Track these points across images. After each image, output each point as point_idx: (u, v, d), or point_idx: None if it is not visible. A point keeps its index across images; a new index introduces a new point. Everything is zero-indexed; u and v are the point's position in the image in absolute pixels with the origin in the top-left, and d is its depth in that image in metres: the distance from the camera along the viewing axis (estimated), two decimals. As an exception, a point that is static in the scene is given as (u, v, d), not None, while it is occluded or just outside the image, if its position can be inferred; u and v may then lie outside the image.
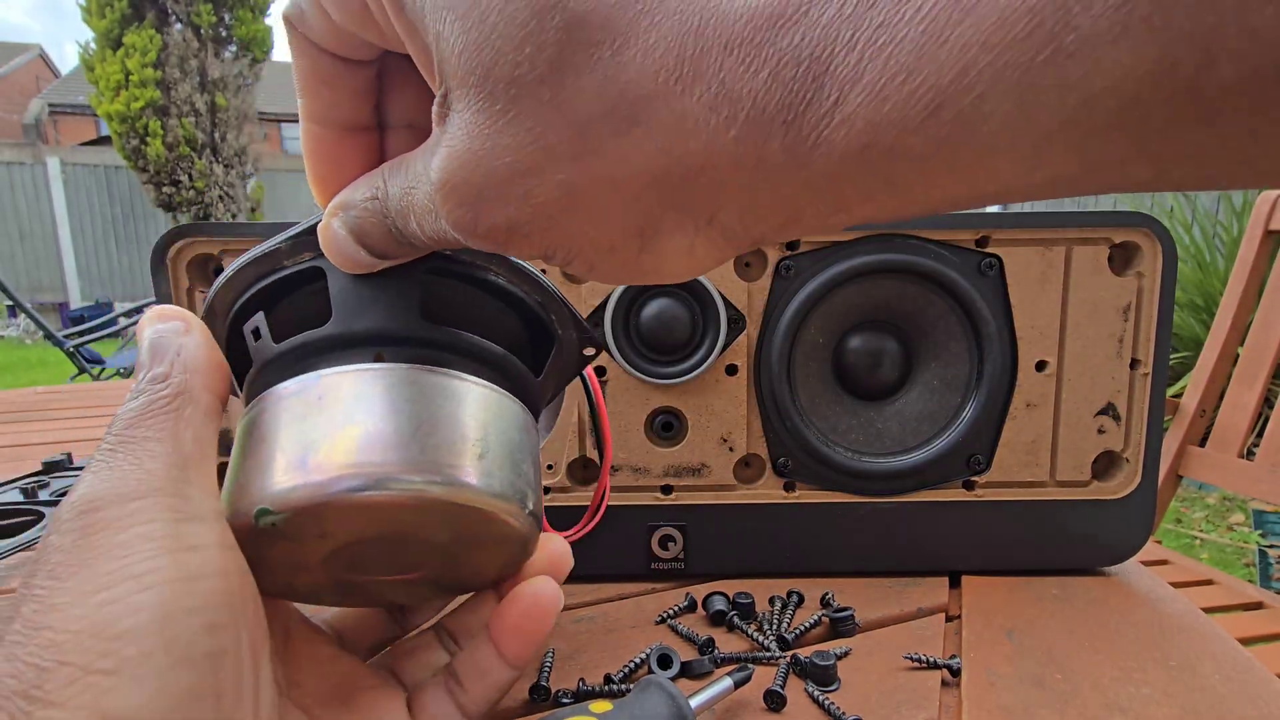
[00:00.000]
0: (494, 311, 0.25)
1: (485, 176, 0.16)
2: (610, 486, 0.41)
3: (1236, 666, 0.32)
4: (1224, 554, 1.90)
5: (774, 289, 0.39)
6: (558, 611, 0.25)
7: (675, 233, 0.16)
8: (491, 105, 0.15)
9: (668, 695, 0.25)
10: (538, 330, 0.26)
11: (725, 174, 0.15)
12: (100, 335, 3.52)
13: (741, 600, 0.37)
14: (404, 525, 0.21)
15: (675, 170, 0.15)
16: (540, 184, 0.15)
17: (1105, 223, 0.38)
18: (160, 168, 6.46)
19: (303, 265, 0.22)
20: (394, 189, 0.18)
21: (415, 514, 0.20)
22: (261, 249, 0.22)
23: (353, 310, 0.21)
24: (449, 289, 0.23)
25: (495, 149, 0.15)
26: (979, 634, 0.35)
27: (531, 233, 0.16)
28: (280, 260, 0.23)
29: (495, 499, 0.21)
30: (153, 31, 6.20)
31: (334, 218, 0.20)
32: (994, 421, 0.40)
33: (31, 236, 7.48)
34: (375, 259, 0.20)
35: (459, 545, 0.23)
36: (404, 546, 0.22)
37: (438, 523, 0.21)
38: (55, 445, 0.76)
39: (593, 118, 0.14)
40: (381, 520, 0.21)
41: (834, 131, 0.13)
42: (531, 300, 0.25)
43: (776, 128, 0.13)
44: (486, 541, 0.23)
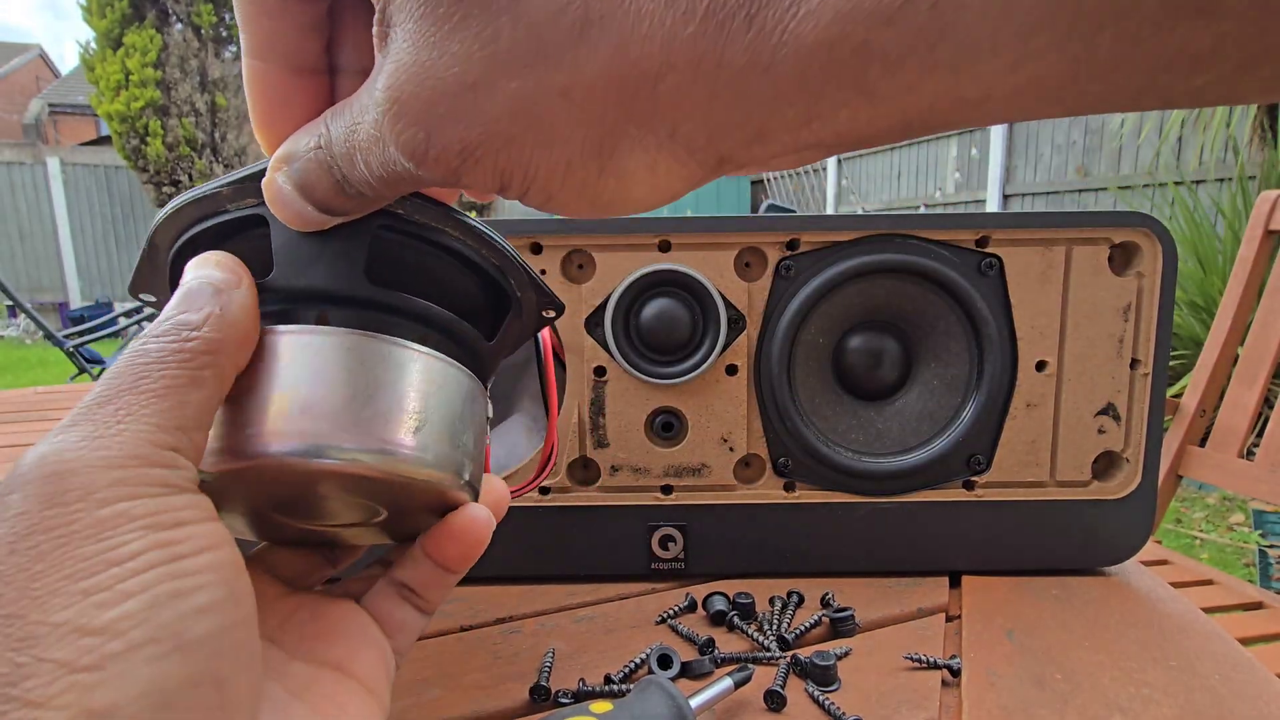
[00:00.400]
0: (446, 274, 0.24)
1: (434, 89, 0.15)
2: (611, 486, 0.41)
3: (1236, 666, 0.32)
4: (1224, 554, 1.90)
5: (774, 289, 0.39)
6: (490, 533, 0.25)
7: (636, 149, 0.15)
8: (435, 9, 0.14)
9: (668, 695, 0.25)
10: (494, 293, 0.25)
11: (685, 78, 0.14)
12: (100, 335, 3.52)
13: (741, 600, 0.37)
14: (339, 488, 0.21)
15: (632, 75, 0.14)
16: (492, 96, 0.15)
17: (1105, 223, 0.38)
18: (160, 168, 6.46)
19: (245, 211, 0.21)
20: (337, 130, 0.17)
21: (349, 481, 0.20)
22: (205, 188, 0.21)
23: (294, 266, 0.21)
24: (399, 249, 0.23)
25: (443, 58, 0.14)
26: (979, 634, 0.35)
27: (484, 156, 0.15)
28: (223, 204, 0.22)
29: (429, 470, 0.21)
30: (153, 31, 6.20)
31: (278, 171, 0.19)
32: (994, 421, 0.40)
33: (31, 236, 7.48)
34: (322, 215, 0.19)
35: (396, 508, 0.23)
36: (344, 503, 0.23)
37: (372, 489, 0.21)
38: (55, 445, 0.76)
39: (545, 19, 0.14)
40: (315, 483, 0.21)
41: (800, 24, 0.12)
42: (487, 263, 0.24)
43: (738, 23, 0.13)
44: (421, 508, 0.23)
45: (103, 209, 7.73)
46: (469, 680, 0.32)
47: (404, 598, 0.25)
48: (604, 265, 0.39)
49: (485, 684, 0.31)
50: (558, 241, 0.39)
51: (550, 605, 0.38)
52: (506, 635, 0.36)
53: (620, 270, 0.39)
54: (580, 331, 0.39)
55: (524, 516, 0.40)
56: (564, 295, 0.39)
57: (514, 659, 0.33)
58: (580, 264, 0.39)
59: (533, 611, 0.38)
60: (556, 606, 0.38)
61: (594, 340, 0.39)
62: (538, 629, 0.36)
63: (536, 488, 0.37)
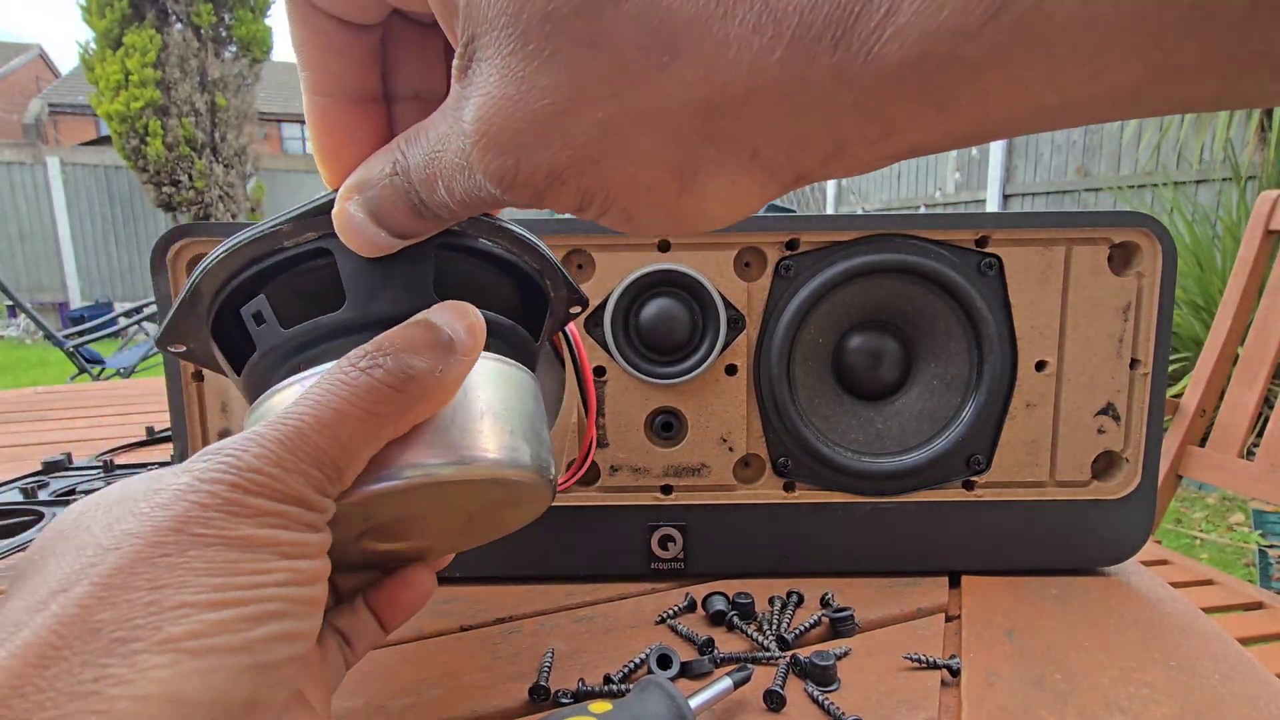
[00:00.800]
0: (495, 281, 0.25)
1: (523, 119, 0.15)
2: (610, 486, 0.41)
3: (1236, 666, 0.32)
4: (1224, 554, 1.90)
5: (774, 289, 0.39)
6: (430, 595, 0.27)
7: (717, 170, 0.16)
8: (524, 46, 0.15)
9: (667, 695, 0.25)
10: (530, 293, 0.26)
11: (769, 101, 0.14)
12: (100, 335, 3.52)
13: (741, 600, 0.37)
14: (442, 502, 0.22)
15: (717, 101, 0.14)
16: (579, 124, 0.15)
17: (1105, 222, 0.38)
18: (160, 168, 6.46)
19: (307, 246, 0.22)
20: (415, 157, 0.18)
21: (456, 490, 0.21)
22: (261, 228, 0.22)
23: (367, 292, 0.21)
24: (454, 263, 0.23)
25: (532, 91, 0.15)
26: (979, 634, 0.35)
27: (569, 178, 0.16)
28: (281, 240, 0.22)
29: (525, 472, 0.22)
30: (153, 31, 6.20)
31: (348, 200, 0.19)
32: (994, 421, 0.40)
33: (31, 236, 7.48)
34: (394, 239, 0.19)
35: (482, 514, 0.24)
36: (442, 517, 0.24)
37: (469, 496, 0.22)
38: (55, 445, 0.76)
39: (631, 50, 0.14)
40: (423, 500, 0.21)
41: (885, 45, 0.12)
42: (529, 267, 0.25)
43: (824, 46, 0.13)
44: (509, 509, 0.25)
45: (102, 209, 7.73)
46: (469, 680, 0.32)
47: (338, 645, 0.26)
48: (603, 265, 0.39)
49: (485, 684, 0.31)
50: (558, 241, 0.39)
51: (550, 605, 0.38)
52: (506, 635, 0.36)
53: (620, 270, 0.39)
54: (580, 331, 0.39)
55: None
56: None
57: (514, 659, 0.33)
58: (580, 264, 0.39)
59: (532, 611, 0.38)
60: (556, 606, 0.38)
61: (593, 340, 0.39)
62: (537, 629, 0.36)
63: (576, 480, 0.37)
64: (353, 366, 0.19)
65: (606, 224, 0.17)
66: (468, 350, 0.21)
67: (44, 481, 0.60)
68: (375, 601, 0.26)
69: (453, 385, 0.20)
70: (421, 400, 0.20)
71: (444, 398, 0.20)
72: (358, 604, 0.26)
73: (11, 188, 7.36)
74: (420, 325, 0.20)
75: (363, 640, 0.26)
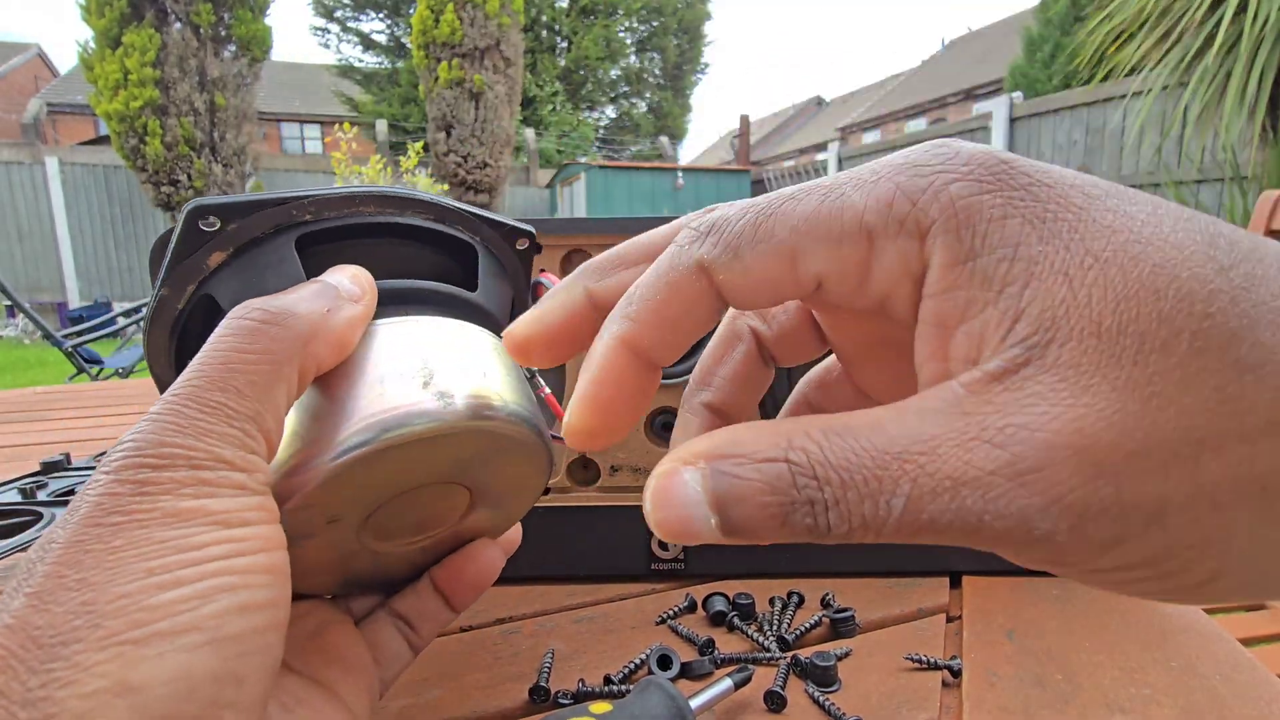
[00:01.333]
0: (416, 255, 0.25)
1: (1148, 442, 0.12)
2: (610, 486, 0.41)
3: (1237, 667, 0.32)
4: (1223, 554, 1.90)
5: (774, 289, 0.39)
6: (499, 570, 0.27)
7: None
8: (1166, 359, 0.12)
9: (668, 696, 0.25)
10: (458, 251, 0.26)
11: None
12: (99, 335, 3.52)
13: (741, 601, 0.37)
14: (405, 476, 0.22)
15: None
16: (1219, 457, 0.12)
17: (1106, 222, 0.38)
18: (159, 167, 6.45)
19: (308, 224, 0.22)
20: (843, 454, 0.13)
21: (409, 459, 0.21)
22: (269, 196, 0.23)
23: None
24: (363, 249, 0.24)
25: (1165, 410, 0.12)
26: (979, 634, 0.35)
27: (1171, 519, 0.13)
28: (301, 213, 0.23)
29: (464, 418, 0.21)
30: (152, 31, 6.20)
31: (686, 465, 0.15)
32: (994, 421, 0.40)
33: (30, 236, 7.47)
34: (720, 534, 0.14)
35: (483, 482, 0.24)
36: (434, 493, 0.23)
37: (432, 464, 0.22)
38: (54, 446, 0.76)
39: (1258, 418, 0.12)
40: (382, 478, 0.21)
41: None
42: (428, 224, 0.25)
43: None
44: (505, 468, 0.24)
45: (101, 209, 7.73)
46: (469, 680, 0.32)
47: (398, 629, 0.26)
48: (604, 265, 0.39)
49: (485, 684, 0.31)
50: (557, 241, 0.39)
51: (550, 605, 0.38)
52: (506, 635, 0.36)
53: (620, 270, 0.39)
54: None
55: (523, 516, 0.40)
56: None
57: (513, 659, 0.33)
58: (580, 263, 0.39)
59: (532, 612, 0.38)
60: (556, 607, 0.38)
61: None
62: (537, 629, 0.36)
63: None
64: (232, 317, 0.19)
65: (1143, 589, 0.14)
66: (354, 296, 0.21)
67: (43, 482, 0.60)
68: (440, 579, 0.26)
69: (346, 327, 0.20)
70: (314, 338, 0.20)
71: (338, 341, 0.20)
72: (421, 585, 0.26)
73: (10, 187, 7.35)
74: (302, 284, 0.21)
75: (429, 622, 0.26)
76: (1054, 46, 7.74)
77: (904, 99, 15.41)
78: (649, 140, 14.37)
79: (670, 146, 12.93)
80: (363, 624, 0.26)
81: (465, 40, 7.10)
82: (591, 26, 13.49)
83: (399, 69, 13.08)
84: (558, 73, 13.55)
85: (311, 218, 0.23)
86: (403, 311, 0.23)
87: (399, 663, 0.25)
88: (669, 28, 14.41)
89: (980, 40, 16.10)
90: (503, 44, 7.30)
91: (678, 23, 14.45)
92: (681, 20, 14.47)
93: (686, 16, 14.50)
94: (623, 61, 14.40)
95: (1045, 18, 8.15)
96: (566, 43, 13.84)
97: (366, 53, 13.81)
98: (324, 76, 14.60)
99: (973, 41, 16.54)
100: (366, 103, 13.07)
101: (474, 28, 7.09)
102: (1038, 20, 8.29)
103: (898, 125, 14.92)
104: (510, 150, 7.81)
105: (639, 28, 14.43)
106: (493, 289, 0.26)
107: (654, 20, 14.32)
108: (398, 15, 13.31)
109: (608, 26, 13.60)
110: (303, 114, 15.52)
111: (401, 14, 13.13)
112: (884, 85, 18.35)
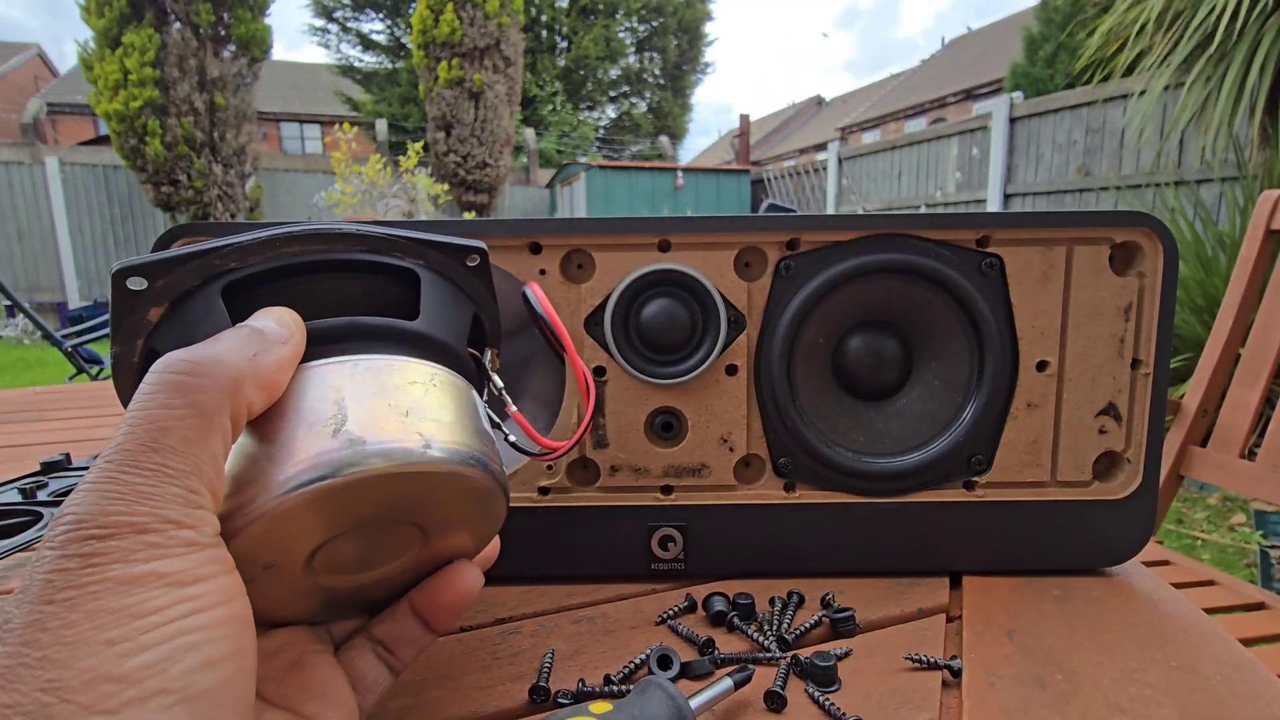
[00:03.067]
0: (348, 286, 0.25)
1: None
2: (610, 486, 0.41)
3: (1238, 667, 0.32)
4: (1225, 554, 1.90)
5: (774, 289, 0.39)
6: (478, 589, 0.27)
7: None
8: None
9: (668, 696, 0.25)
10: (403, 277, 0.26)
11: None
12: (99, 335, 3.52)
13: (741, 601, 0.36)
14: (346, 516, 0.21)
15: None
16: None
17: (1106, 222, 0.38)
18: (159, 167, 6.45)
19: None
20: None
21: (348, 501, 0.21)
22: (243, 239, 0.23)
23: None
24: (292, 287, 0.24)
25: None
26: (979, 634, 0.35)
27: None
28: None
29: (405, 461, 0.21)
30: (151, 31, 6.19)
31: None
32: (994, 422, 0.40)
33: (30, 236, 7.47)
34: None
35: (433, 520, 0.24)
36: (385, 533, 0.23)
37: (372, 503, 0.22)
38: (53, 446, 0.76)
39: None
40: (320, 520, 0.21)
41: None
42: (362, 257, 0.25)
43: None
44: (455, 507, 0.24)
45: (101, 209, 7.72)
46: (469, 680, 0.32)
47: (378, 655, 0.26)
48: (604, 265, 0.39)
49: (485, 684, 0.31)
50: (557, 241, 0.39)
51: (550, 605, 0.38)
52: (506, 635, 0.35)
53: (620, 270, 0.39)
54: (580, 331, 0.39)
55: (523, 517, 0.40)
56: (563, 295, 0.39)
57: (514, 659, 0.33)
58: (580, 264, 0.39)
59: (532, 612, 0.38)
60: (556, 607, 0.38)
61: (593, 340, 0.39)
62: (537, 629, 0.36)
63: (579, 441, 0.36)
64: (155, 372, 0.19)
65: None
66: (281, 339, 0.21)
67: (43, 482, 0.60)
68: (418, 604, 0.26)
69: (274, 369, 0.20)
70: (242, 383, 0.20)
71: (267, 384, 0.20)
72: (400, 610, 0.26)
73: (10, 187, 7.35)
74: (228, 330, 0.21)
75: (408, 646, 0.26)
76: (1055, 46, 7.74)
77: (904, 99, 15.40)
78: (649, 140, 14.37)
79: (670, 146, 12.92)
80: (342, 651, 0.26)
81: (465, 40, 7.10)
82: (591, 26, 13.49)
83: (399, 69, 13.07)
84: (557, 72, 13.55)
85: (236, 264, 0.23)
86: (339, 350, 0.22)
87: (378, 688, 0.25)
88: (669, 27, 14.41)
89: (980, 40, 16.10)
90: (502, 44, 7.30)
91: (678, 23, 14.45)
92: (681, 20, 14.46)
93: (686, 16, 14.49)
94: (623, 61, 14.40)
95: (1045, 17, 8.16)
96: (566, 42, 13.84)
97: (366, 53, 13.82)
98: (324, 76, 14.61)
99: (973, 41, 16.54)
100: (366, 102, 13.08)
101: (474, 27, 7.09)
102: (1038, 20, 8.29)
103: (897, 125, 14.92)
104: (510, 150, 7.80)
105: (639, 27, 14.43)
106: (440, 313, 0.25)
107: (654, 20, 14.31)
108: (397, 15, 13.31)
109: (608, 26, 13.60)
110: (302, 114, 15.52)
111: (401, 14, 13.13)
112: (884, 85, 18.35)
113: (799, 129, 21.00)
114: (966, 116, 6.89)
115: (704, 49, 15.11)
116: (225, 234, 0.23)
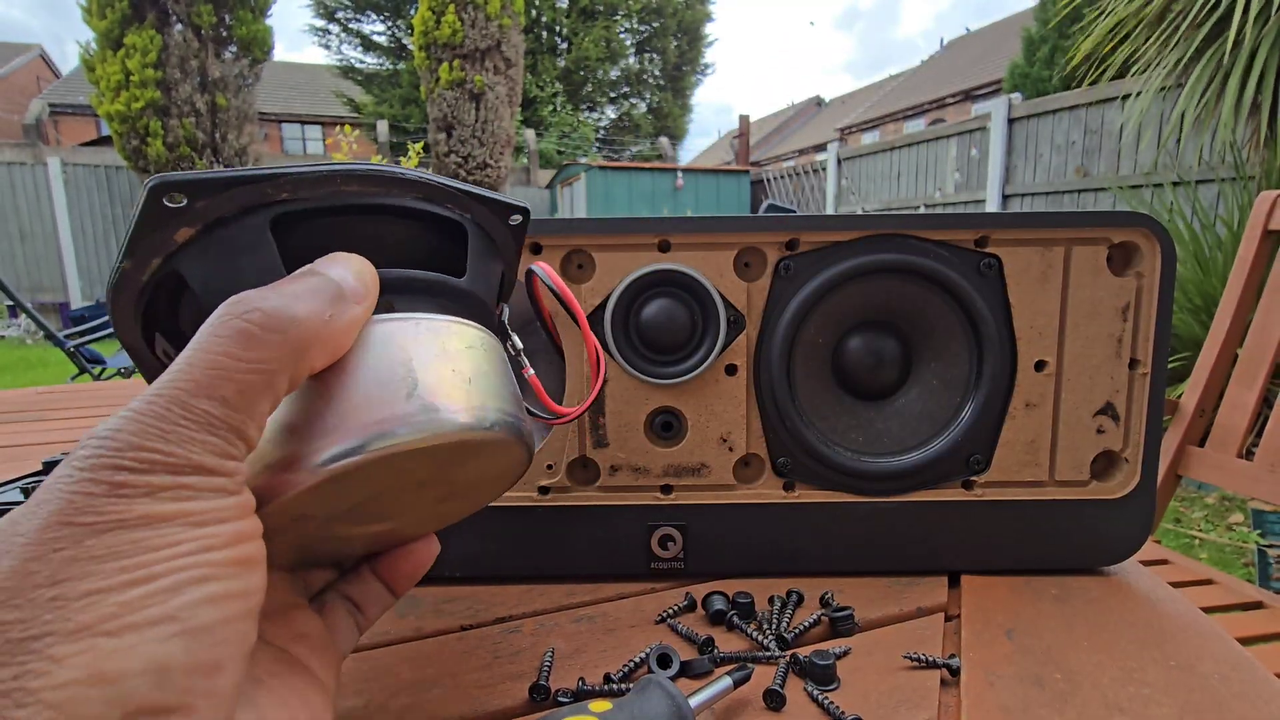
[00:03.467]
0: (408, 236, 0.24)
1: None
2: (610, 486, 0.41)
3: (1236, 666, 0.32)
4: (1223, 554, 1.90)
5: (774, 289, 0.39)
6: (433, 559, 0.28)
7: None
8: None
9: (667, 695, 0.25)
10: (448, 229, 0.25)
11: None
12: (101, 335, 3.52)
13: (741, 600, 0.37)
14: (392, 479, 0.21)
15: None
16: None
17: (1104, 223, 0.38)
18: (161, 168, 6.45)
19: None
20: None
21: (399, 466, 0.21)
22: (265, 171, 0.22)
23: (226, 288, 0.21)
24: (353, 227, 0.23)
25: None
26: (978, 634, 0.35)
27: None
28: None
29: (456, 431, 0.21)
30: (153, 32, 6.20)
31: None
32: (993, 421, 0.40)
33: (32, 237, 7.47)
34: None
35: (455, 480, 0.24)
36: (414, 492, 0.23)
37: (419, 466, 0.21)
38: (55, 445, 0.76)
39: None
40: (368, 482, 0.21)
41: None
42: (414, 204, 0.23)
43: None
44: (484, 469, 0.24)
45: (103, 209, 7.73)
46: (469, 680, 0.32)
47: (348, 611, 0.26)
48: (603, 265, 0.39)
49: (485, 684, 0.32)
50: (557, 241, 0.39)
51: (550, 605, 0.38)
52: (506, 635, 0.36)
53: (620, 270, 0.39)
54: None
55: (523, 516, 0.40)
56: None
57: (514, 658, 0.33)
58: (580, 264, 0.39)
59: (532, 611, 0.38)
60: (556, 606, 0.38)
61: (593, 340, 0.39)
62: (537, 629, 0.36)
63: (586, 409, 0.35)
64: (229, 314, 0.19)
65: None
66: (359, 296, 0.20)
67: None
68: (381, 571, 0.27)
69: (344, 332, 0.20)
70: (312, 346, 0.19)
71: (335, 347, 0.20)
72: (365, 571, 0.27)
73: (12, 188, 7.35)
74: (303, 274, 0.20)
75: (374, 605, 0.27)
76: (1053, 48, 7.75)
77: (903, 99, 15.40)
78: (649, 141, 14.37)
79: (670, 147, 12.92)
80: (315, 604, 0.26)
81: (466, 41, 7.10)
82: (592, 27, 13.49)
83: (400, 70, 13.08)
84: (558, 73, 13.55)
85: (289, 196, 0.22)
86: (390, 302, 0.22)
87: (349, 643, 0.26)
88: (669, 28, 14.41)
89: (979, 41, 16.10)
90: (503, 45, 7.30)
91: (678, 23, 14.45)
92: (681, 21, 14.47)
93: (686, 17, 14.49)
94: (622, 62, 14.40)
95: (1044, 18, 8.16)
96: (567, 43, 13.84)
97: (367, 54, 13.82)
98: (325, 77, 14.61)
99: (971, 42, 16.54)
100: (367, 103, 13.08)
101: (475, 29, 7.10)
102: (1037, 20, 8.29)
103: (897, 125, 14.92)
104: (511, 151, 7.80)
105: (639, 28, 14.43)
106: (482, 271, 0.25)
107: (654, 21, 14.31)
108: (398, 16, 13.32)
109: (608, 27, 13.60)
110: (304, 115, 15.52)
111: (402, 15, 13.13)
112: (883, 86, 18.35)
113: (798, 130, 21.00)
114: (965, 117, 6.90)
115: (704, 50, 15.11)
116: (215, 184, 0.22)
